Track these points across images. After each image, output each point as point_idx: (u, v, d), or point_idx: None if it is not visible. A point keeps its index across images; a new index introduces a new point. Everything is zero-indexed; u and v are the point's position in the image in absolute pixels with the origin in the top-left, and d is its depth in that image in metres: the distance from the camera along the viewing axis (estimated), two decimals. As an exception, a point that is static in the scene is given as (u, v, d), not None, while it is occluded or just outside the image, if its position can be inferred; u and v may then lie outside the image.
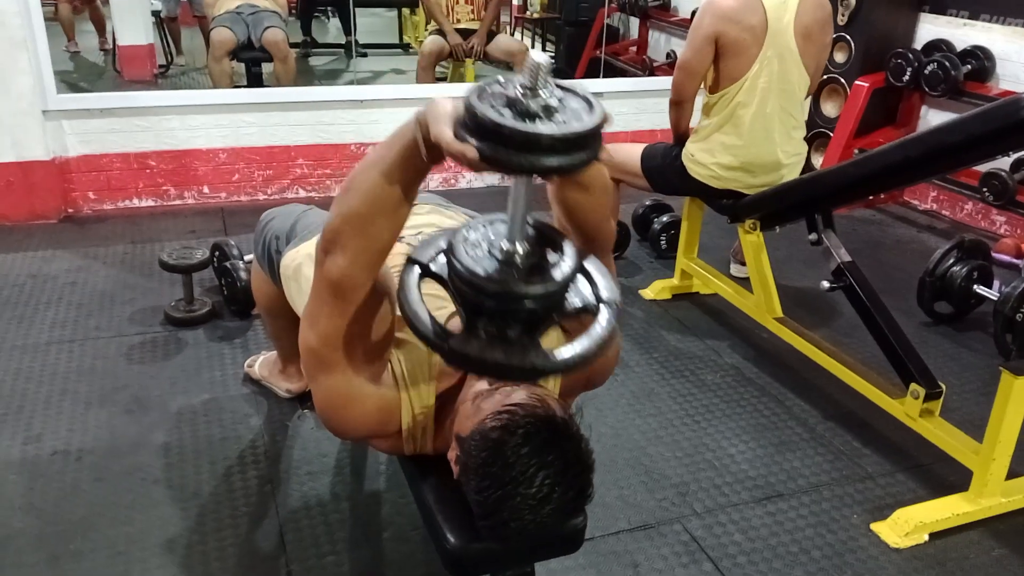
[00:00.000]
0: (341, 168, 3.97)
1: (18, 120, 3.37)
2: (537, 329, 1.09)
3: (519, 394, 1.24)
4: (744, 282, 2.94)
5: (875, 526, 1.98)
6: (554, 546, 1.25)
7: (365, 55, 5.93)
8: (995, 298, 2.77)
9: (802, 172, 2.81)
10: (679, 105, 2.75)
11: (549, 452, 1.13)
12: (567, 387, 1.43)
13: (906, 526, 1.95)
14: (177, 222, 3.66)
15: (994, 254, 3.28)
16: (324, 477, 2.07)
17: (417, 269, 1.14)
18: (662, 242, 3.46)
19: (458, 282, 1.08)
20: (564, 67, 5.63)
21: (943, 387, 2.15)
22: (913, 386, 2.14)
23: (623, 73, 5.36)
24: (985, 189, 3.59)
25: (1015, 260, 3.49)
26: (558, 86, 1.02)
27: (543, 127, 0.96)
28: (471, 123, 0.99)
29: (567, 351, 1.06)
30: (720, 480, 2.13)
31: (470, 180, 4.14)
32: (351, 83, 5.33)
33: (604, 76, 5.04)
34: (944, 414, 2.17)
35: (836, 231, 2.48)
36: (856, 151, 3.92)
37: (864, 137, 4.00)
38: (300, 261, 1.70)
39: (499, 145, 0.96)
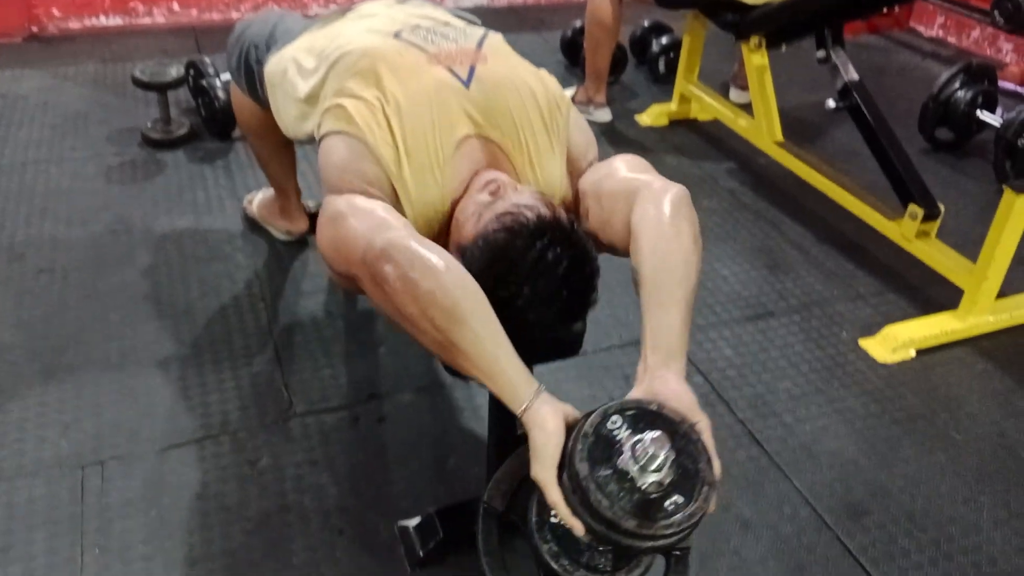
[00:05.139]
0: (320, -17, 3.73)
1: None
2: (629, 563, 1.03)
3: (524, 196, 1.19)
4: (744, 108, 2.84)
5: (863, 342, 2.01)
6: (555, 348, 1.24)
7: None
8: (998, 124, 2.70)
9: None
10: None
11: (555, 252, 1.10)
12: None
13: (894, 342, 1.98)
14: (147, 41, 3.46)
15: (999, 82, 3.18)
16: (317, 296, 2.06)
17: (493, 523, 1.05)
18: (660, 65, 3.32)
19: (588, 520, 0.92)
20: None
21: (941, 208, 2.12)
22: (912, 207, 2.11)
23: None
24: (996, 11, 3.42)
25: (1020, 88, 3.39)
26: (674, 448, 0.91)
27: (659, 527, 0.89)
28: (580, 500, 0.91)
29: None
30: (712, 300, 2.13)
31: None
32: None
33: None
34: (939, 237, 2.16)
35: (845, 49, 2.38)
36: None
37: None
38: (285, 66, 1.58)
39: (608, 531, 0.90)
